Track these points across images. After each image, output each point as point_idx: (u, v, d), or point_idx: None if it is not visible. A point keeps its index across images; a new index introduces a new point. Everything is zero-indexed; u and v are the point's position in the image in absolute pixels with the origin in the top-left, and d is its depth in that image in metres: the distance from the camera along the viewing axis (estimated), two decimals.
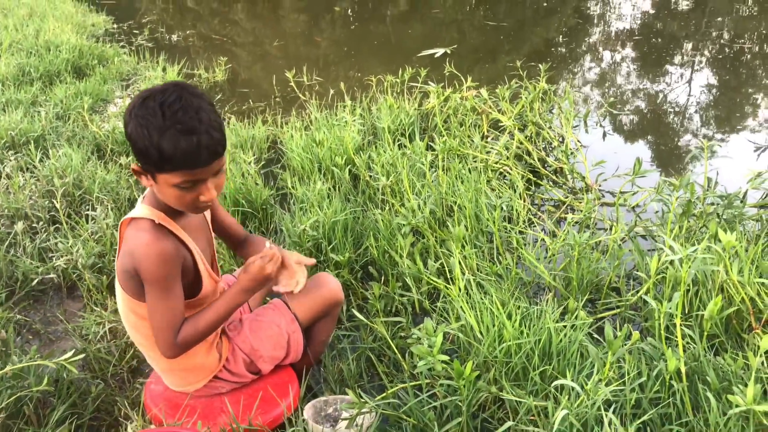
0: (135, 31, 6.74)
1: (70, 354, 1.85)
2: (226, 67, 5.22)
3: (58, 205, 2.75)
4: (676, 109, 4.23)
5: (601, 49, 5.82)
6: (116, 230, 2.68)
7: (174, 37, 6.70)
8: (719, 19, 6.34)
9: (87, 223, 2.75)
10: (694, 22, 6.35)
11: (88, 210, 2.91)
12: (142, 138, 1.36)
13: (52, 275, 2.50)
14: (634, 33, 6.16)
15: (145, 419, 1.78)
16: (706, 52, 5.36)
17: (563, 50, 5.86)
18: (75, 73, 4.98)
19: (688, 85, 4.66)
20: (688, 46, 5.58)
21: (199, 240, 1.62)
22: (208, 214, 1.75)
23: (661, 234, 1.80)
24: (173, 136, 1.34)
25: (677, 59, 5.30)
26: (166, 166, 1.38)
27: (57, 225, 2.82)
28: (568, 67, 5.25)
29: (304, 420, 1.75)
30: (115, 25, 6.97)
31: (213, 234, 1.77)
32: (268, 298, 2.15)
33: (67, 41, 5.34)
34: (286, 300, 1.86)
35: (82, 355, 1.93)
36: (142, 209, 1.52)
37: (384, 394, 1.83)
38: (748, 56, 5.11)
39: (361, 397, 1.78)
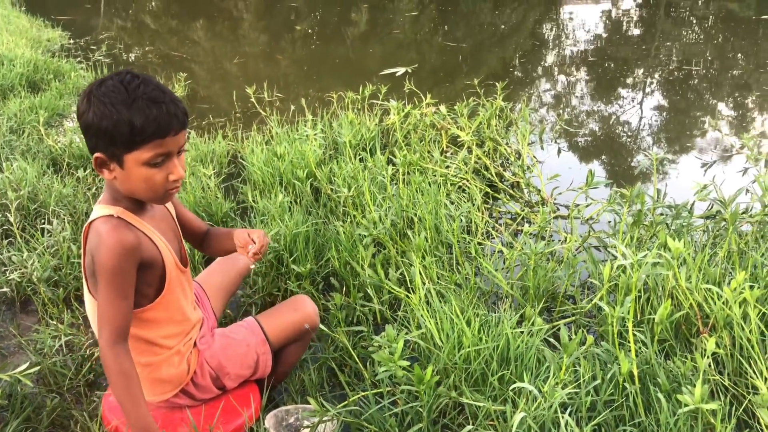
0: (92, 47, 6.66)
1: (24, 367, 1.82)
2: (186, 83, 5.20)
3: (12, 219, 2.70)
4: (628, 128, 4.39)
5: (556, 70, 6.00)
6: (73, 243, 2.64)
7: (132, 54, 6.65)
8: (668, 43, 6.60)
9: (42, 236, 2.70)
10: (644, 46, 6.60)
11: (43, 224, 2.86)
12: (108, 116, 1.36)
13: (5, 289, 2.44)
14: (587, 56, 6.37)
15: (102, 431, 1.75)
16: (656, 75, 5.57)
17: (520, 71, 6.02)
18: (30, 87, 4.90)
19: (639, 105, 4.84)
20: (639, 69, 5.79)
21: (165, 232, 1.60)
22: (171, 207, 1.73)
23: (614, 243, 1.87)
24: (142, 106, 1.36)
25: (629, 81, 5.50)
26: (137, 138, 1.38)
27: (11, 239, 2.76)
28: (524, 87, 5.39)
29: (265, 429, 1.74)
30: (71, 41, 6.89)
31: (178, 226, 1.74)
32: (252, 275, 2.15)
33: (21, 55, 5.25)
34: (259, 320, 1.84)
35: (36, 368, 1.89)
36: (99, 210, 1.50)
37: (345, 402, 1.84)
38: (695, 79, 5.33)
39: (323, 406, 1.79)
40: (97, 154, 1.42)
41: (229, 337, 1.80)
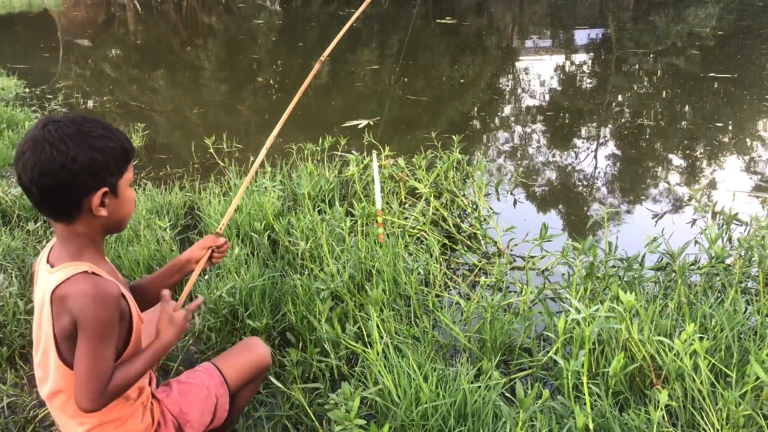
0: (48, 96, 6.59)
1: None
2: (144, 133, 5.17)
3: None
4: (582, 179, 4.51)
5: (512, 122, 6.16)
6: (20, 299, 2.56)
7: (90, 103, 6.60)
8: (620, 97, 6.86)
9: None
10: (597, 99, 6.85)
11: None
12: (101, 149, 1.42)
13: None
14: (543, 108, 6.57)
15: None
16: (608, 128, 5.77)
17: (477, 123, 6.16)
18: None
19: (593, 157, 4.98)
20: (593, 121, 5.99)
21: (123, 284, 1.57)
22: None
23: (568, 296, 1.90)
24: (116, 132, 1.48)
25: (583, 133, 5.67)
26: (129, 158, 1.49)
27: None
28: (481, 139, 5.51)
29: None
30: (26, 90, 6.81)
31: None
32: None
33: None
34: (215, 363, 1.82)
35: None
36: (67, 269, 1.43)
37: None
38: (646, 132, 5.54)
39: None
40: (104, 189, 1.44)
41: (186, 383, 1.76)
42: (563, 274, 2.60)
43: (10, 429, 2.01)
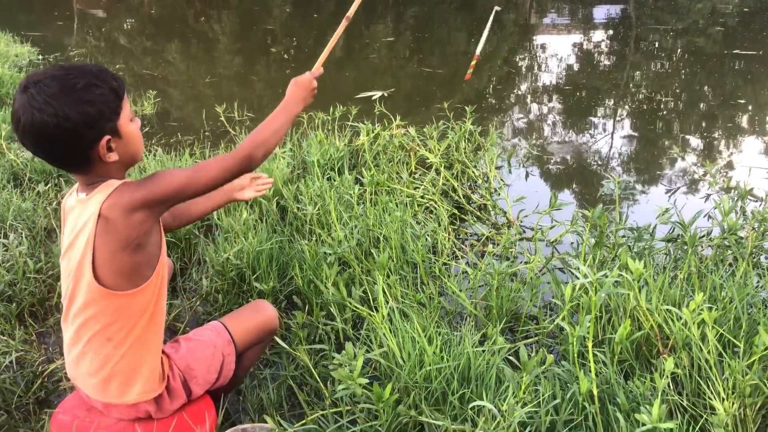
0: (61, 63, 6.59)
1: None
2: (156, 100, 5.16)
3: None
4: (596, 154, 4.46)
5: (528, 97, 6.09)
6: (30, 258, 2.58)
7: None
8: (637, 75, 6.75)
9: None
10: (614, 77, 6.74)
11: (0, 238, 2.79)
12: (91, 100, 1.41)
13: None
14: (559, 84, 6.48)
15: None
16: (625, 105, 5.68)
17: (492, 98, 6.09)
18: None
19: (608, 133, 4.92)
20: (609, 98, 5.91)
21: None
22: None
23: (576, 262, 1.87)
24: (102, 73, 1.45)
25: (599, 110, 5.60)
26: (120, 96, 1.47)
27: None
28: (495, 113, 5.45)
29: None
30: (40, 57, 6.81)
31: None
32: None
33: None
34: (224, 322, 1.83)
35: None
36: (106, 189, 1.46)
37: (303, 421, 1.80)
38: (664, 110, 5.45)
39: (281, 425, 1.75)
40: (106, 137, 1.45)
41: (194, 340, 1.77)
42: (572, 243, 2.58)
43: (18, 382, 2.03)
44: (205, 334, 1.79)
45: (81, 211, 1.50)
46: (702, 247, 2.67)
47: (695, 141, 4.70)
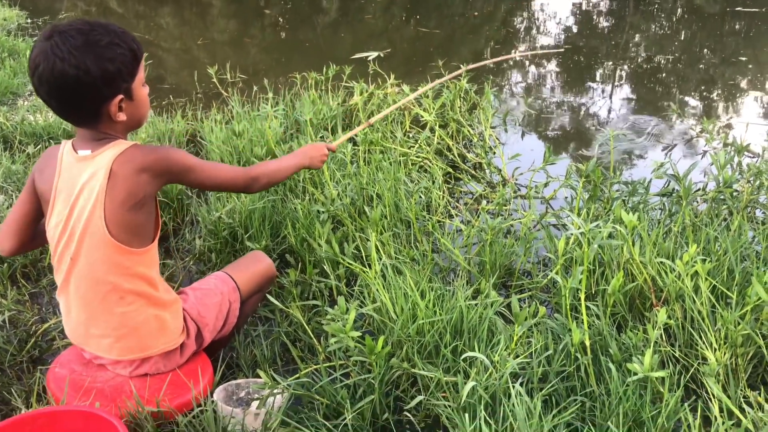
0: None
1: None
2: (147, 63, 5.08)
3: None
4: (593, 116, 4.41)
5: (525, 58, 6.01)
6: None
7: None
8: (637, 36, 6.66)
9: None
10: (613, 38, 6.65)
11: None
12: (111, 58, 1.43)
13: None
14: (557, 46, 6.39)
15: (47, 404, 1.69)
16: (624, 66, 5.61)
17: (489, 57, 6.01)
18: None
19: (606, 95, 4.87)
20: (608, 60, 5.83)
21: None
22: None
23: (570, 214, 1.86)
24: (122, 34, 1.47)
25: (596, 71, 5.53)
26: (138, 59, 1.50)
27: None
28: (492, 73, 5.38)
29: (213, 402, 1.70)
30: (29, 20, 6.70)
31: None
32: None
33: None
34: (227, 272, 1.88)
35: None
36: (115, 147, 1.50)
37: (297, 375, 1.81)
38: (662, 71, 5.39)
39: (274, 379, 1.75)
40: (120, 96, 1.47)
41: (201, 289, 1.80)
42: (566, 198, 2.56)
43: (11, 341, 2.03)
44: (211, 282, 1.83)
45: (84, 167, 1.50)
46: (697, 202, 2.66)
47: (694, 100, 4.65)
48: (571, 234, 1.81)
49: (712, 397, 1.65)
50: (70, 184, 1.52)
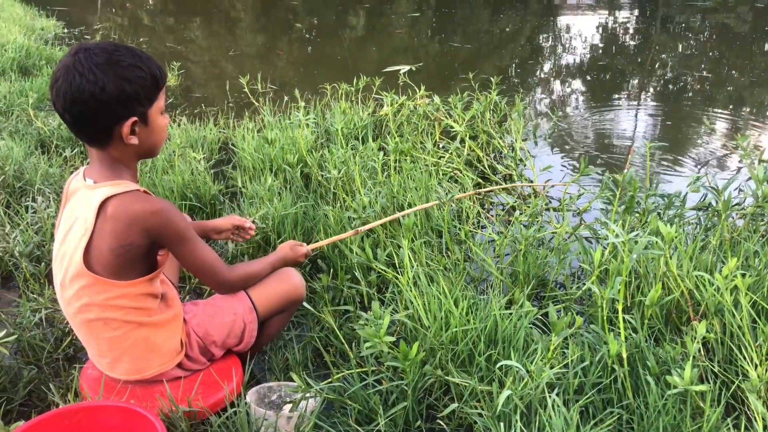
0: (86, 37, 6.64)
1: (1, 335, 1.77)
2: (179, 72, 5.17)
3: None
4: (623, 132, 4.38)
5: (554, 74, 6.00)
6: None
7: (127, 44, 6.61)
8: (663, 55, 6.62)
9: (26, 213, 2.65)
10: (640, 56, 6.61)
11: (28, 201, 2.81)
12: (130, 79, 1.42)
13: None
14: (584, 62, 6.38)
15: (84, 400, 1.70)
16: (652, 83, 5.58)
17: (518, 72, 6.01)
18: (21, 72, 4.86)
19: (634, 112, 4.83)
20: (635, 77, 5.80)
21: None
22: None
23: (606, 222, 1.84)
24: (147, 59, 1.46)
25: (624, 88, 5.50)
26: (159, 86, 1.49)
27: None
28: (521, 87, 5.38)
29: (246, 404, 1.70)
30: (65, 30, 6.85)
31: None
32: None
33: (13, 41, 5.21)
34: (247, 291, 1.81)
35: (13, 337, 1.84)
36: (115, 186, 1.48)
37: (329, 380, 1.80)
38: (690, 90, 5.34)
39: (307, 383, 1.75)
40: (133, 118, 1.46)
41: (214, 306, 1.77)
42: (602, 209, 2.53)
43: (48, 339, 2.05)
44: (225, 301, 1.78)
45: (85, 197, 1.50)
46: (734, 218, 2.61)
47: (725, 118, 4.60)
48: (608, 243, 1.79)
49: (755, 413, 1.61)
50: (71, 209, 1.54)
